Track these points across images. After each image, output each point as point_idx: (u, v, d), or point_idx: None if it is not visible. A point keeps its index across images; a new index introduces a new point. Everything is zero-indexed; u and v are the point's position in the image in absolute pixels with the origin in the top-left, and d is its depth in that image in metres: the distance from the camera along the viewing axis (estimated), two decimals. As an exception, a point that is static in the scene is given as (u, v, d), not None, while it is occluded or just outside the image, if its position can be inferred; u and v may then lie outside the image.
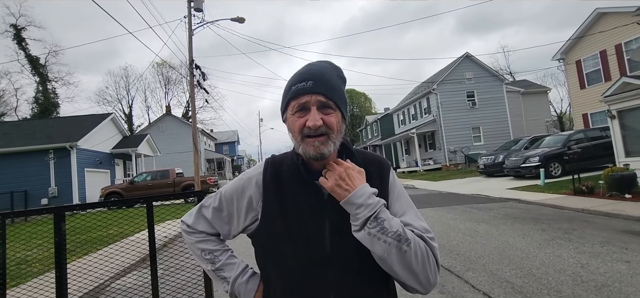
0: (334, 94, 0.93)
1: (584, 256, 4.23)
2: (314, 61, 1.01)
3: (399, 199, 1.01)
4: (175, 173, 17.82)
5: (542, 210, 7.64)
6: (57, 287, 2.33)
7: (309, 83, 0.91)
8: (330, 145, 0.91)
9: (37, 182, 15.87)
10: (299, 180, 0.96)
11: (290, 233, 0.93)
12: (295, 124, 0.92)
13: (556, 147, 12.91)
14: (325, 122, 0.90)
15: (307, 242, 0.91)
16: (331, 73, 0.97)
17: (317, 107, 0.91)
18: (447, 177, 18.10)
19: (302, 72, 0.96)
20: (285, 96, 0.96)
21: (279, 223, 0.94)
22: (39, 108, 32.99)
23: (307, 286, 0.91)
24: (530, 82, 31.90)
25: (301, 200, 0.95)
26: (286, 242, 0.93)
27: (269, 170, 1.01)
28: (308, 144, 0.91)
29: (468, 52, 25.20)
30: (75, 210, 2.40)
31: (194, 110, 14.78)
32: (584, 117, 17.16)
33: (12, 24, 32.80)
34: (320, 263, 0.90)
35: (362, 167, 0.98)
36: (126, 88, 43.92)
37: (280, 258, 0.94)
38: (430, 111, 25.48)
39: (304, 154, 0.93)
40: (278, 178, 0.99)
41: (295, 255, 0.92)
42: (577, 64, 17.25)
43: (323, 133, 0.90)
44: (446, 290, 3.60)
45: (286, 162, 1.01)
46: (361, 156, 1.03)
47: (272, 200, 0.96)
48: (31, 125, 20.28)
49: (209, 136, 41.63)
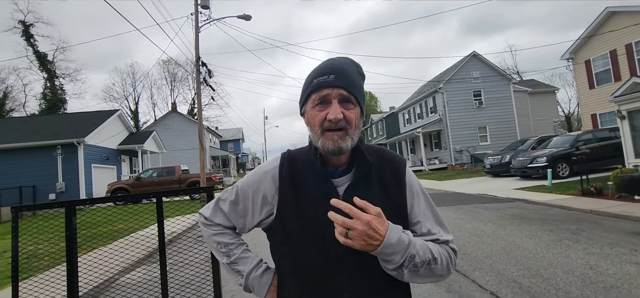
0: (355, 89, 0.93)
1: (592, 257, 4.19)
2: (335, 57, 1.00)
3: (418, 199, 1.00)
4: (181, 170, 17.93)
5: (550, 210, 7.58)
6: (68, 279, 2.36)
7: (331, 77, 0.91)
8: (348, 140, 0.91)
9: (45, 177, 16.06)
10: (315, 176, 0.95)
11: (305, 230, 0.92)
12: (315, 117, 0.92)
13: (564, 147, 12.78)
14: (345, 116, 0.90)
15: (322, 239, 0.90)
16: (352, 68, 0.97)
17: (339, 100, 0.91)
18: (452, 177, 18.01)
19: (323, 66, 0.96)
20: (306, 89, 0.96)
21: (294, 219, 0.94)
22: (47, 104, 33.37)
23: (321, 283, 0.91)
24: (538, 81, 31.59)
25: (316, 196, 0.94)
26: (301, 238, 0.93)
27: (285, 165, 1.00)
28: (327, 137, 0.90)
29: (475, 51, 25.00)
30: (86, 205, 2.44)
31: (200, 107, 14.85)
32: (593, 118, 16.96)
33: (21, 21, 33.19)
34: (334, 261, 0.90)
35: (377, 165, 0.98)
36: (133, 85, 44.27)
37: (294, 254, 0.94)
38: (436, 110, 25.34)
39: (323, 148, 0.92)
40: (294, 173, 0.98)
41: (310, 251, 0.92)
42: (586, 63, 17.04)
43: (342, 128, 0.90)
44: (453, 289, 3.59)
45: (302, 157, 1.01)
46: (376, 153, 1.01)
47: (287, 195, 0.96)
48: (39, 121, 20.52)
49: (214, 133, 41.84)
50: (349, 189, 0.94)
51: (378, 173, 0.98)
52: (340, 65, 0.95)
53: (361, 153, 0.97)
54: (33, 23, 33.73)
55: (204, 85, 14.89)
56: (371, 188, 0.95)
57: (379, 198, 0.93)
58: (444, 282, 3.80)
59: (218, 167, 37.99)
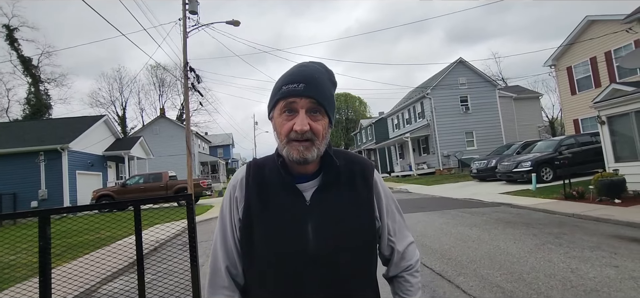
0: (324, 99, 0.91)
1: (573, 261, 4.27)
2: (307, 62, 0.99)
3: (386, 201, 1.04)
4: (168, 176, 17.67)
5: (534, 214, 7.71)
6: (41, 292, 2.28)
7: (301, 86, 0.89)
8: (314, 151, 0.90)
9: (26, 184, 15.61)
10: (281, 183, 0.94)
11: (271, 237, 0.91)
12: (283, 125, 0.90)
13: (547, 152, 13.06)
14: (312, 128, 0.88)
15: (289, 245, 0.90)
16: (323, 77, 0.95)
17: (306, 110, 0.89)
18: (440, 182, 18.19)
19: (293, 72, 0.93)
20: (274, 95, 0.94)
21: (260, 226, 0.93)
22: (31, 109, 32.56)
23: (290, 290, 0.89)
24: (523, 87, 32.28)
25: (283, 203, 0.93)
26: (267, 245, 0.91)
27: (251, 172, 1.00)
28: (293, 147, 0.89)
29: (462, 57, 25.47)
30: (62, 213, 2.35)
31: (187, 112, 14.70)
32: (575, 123, 17.40)
33: (5, 25, 32.40)
34: (302, 268, 0.89)
35: (346, 169, 0.98)
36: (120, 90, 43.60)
37: (261, 262, 0.93)
38: (424, 116, 25.63)
39: (288, 157, 0.91)
40: (260, 180, 0.97)
41: (277, 259, 0.90)
42: (568, 70, 17.51)
43: (308, 138, 0.88)
44: (437, 295, 3.60)
45: (268, 164, 1.00)
46: (344, 157, 1.01)
47: (253, 202, 0.95)
48: (21, 127, 19.99)
49: (203, 139, 41.40)
50: (315, 193, 0.94)
51: (346, 176, 0.98)
52: (310, 73, 0.92)
53: (329, 158, 0.95)
54: (17, 27, 32.99)
55: (193, 90, 14.76)
56: (338, 191, 0.95)
57: (346, 200, 0.95)
58: (429, 288, 3.82)
59: (207, 172, 37.57)
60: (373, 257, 0.99)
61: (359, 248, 0.94)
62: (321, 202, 0.93)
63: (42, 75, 34.85)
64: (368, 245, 0.97)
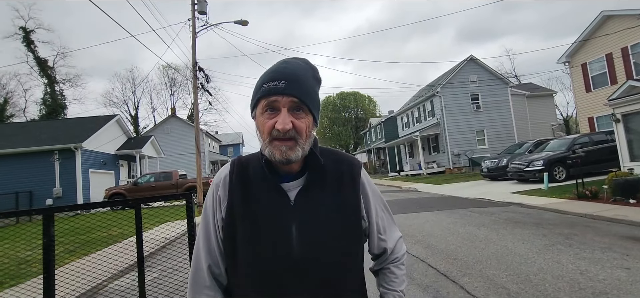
0: (306, 97, 0.89)
1: (583, 262, 4.16)
2: (290, 58, 0.96)
3: (373, 199, 1.03)
4: (177, 175, 17.92)
5: (544, 214, 7.54)
6: (44, 288, 2.33)
7: (282, 83, 0.87)
8: (298, 151, 0.88)
9: (42, 182, 16.04)
10: (265, 183, 0.93)
11: (254, 237, 0.89)
12: (264, 124, 0.88)
13: (560, 151, 12.76)
14: (294, 126, 0.86)
15: (272, 247, 0.88)
16: (306, 74, 0.92)
17: (289, 108, 0.87)
18: (450, 181, 17.97)
19: (275, 70, 0.91)
20: (256, 93, 0.91)
21: (243, 226, 0.91)
22: (47, 109, 33.44)
23: (273, 291, 0.88)
24: (536, 85, 31.64)
25: (266, 203, 0.91)
26: (250, 246, 0.89)
27: (235, 171, 0.98)
28: (275, 147, 0.87)
29: (472, 55, 25.07)
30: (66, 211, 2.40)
31: (196, 111, 14.86)
32: (590, 121, 16.96)
33: (22, 27, 33.36)
34: (285, 269, 0.87)
35: (332, 168, 0.96)
36: (132, 90, 44.38)
37: (244, 263, 0.91)
38: (434, 114, 25.35)
39: (270, 157, 0.88)
40: (244, 179, 0.95)
41: (260, 260, 0.89)
42: (583, 67, 17.07)
43: (291, 137, 0.86)
44: (441, 295, 3.56)
45: (252, 163, 0.98)
46: (331, 156, 0.99)
47: (237, 201, 0.93)
48: (37, 127, 20.53)
49: (213, 138, 41.83)
50: (300, 193, 0.92)
51: (332, 176, 0.96)
52: (292, 70, 0.90)
53: (314, 157, 0.93)
54: (33, 29, 33.93)
55: (202, 90, 14.91)
56: (324, 191, 0.93)
57: (332, 200, 0.93)
58: (432, 287, 3.78)
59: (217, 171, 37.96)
60: (358, 257, 0.97)
61: (344, 248, 0.92)
62: (306, 202, 0.91)
63: (57, 76, 35.79)
64: (353, 245, 0.95)
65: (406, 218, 8.03)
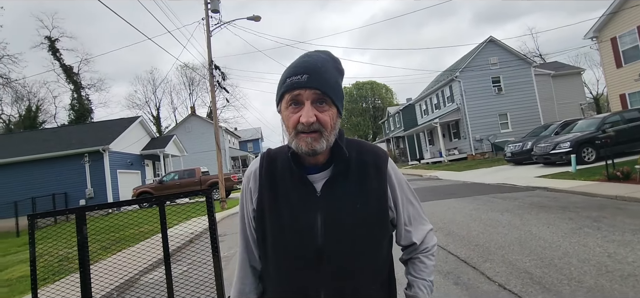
0: (329, 89, 0.90)
1: (612, 245, 4.02)
2: (312, 51, 0.98)
3: (400, 189, 1.03)
4: (201, 171, 18.42)
5: (572, 198, 7.29)
6: (81, 282, 2.49)
7: (304, 77, 0.88)
8: (322, 142, 0.90)
9: (75, 184, 16.93)
10: (292, 174, 0.96)
11: (282, 227, 0.93)
12: (289, 118, 0.91)
13: (589, 131, 12.20)
14: (318, 118, 0.88)
15: (299, 236, 0.92)
16: (328, 65, 0.93)
17: (312, 101, 0.89)
18: (472, 167, 17.59)
19: (297, 64, 0.92)
20: (280, 88, 0.94)
21: (272, 216, 0.95)
22: (75, 114, 35.00)
23: (299, 281, 0.92)
24: (562, 63, 30.27)
25: (293, 195, 0.95)
26: (279, 235, 0.94)
27: (264, 164, 1.02)
28: (301, 139, 0.89)
29: (492, 36, 24.22)
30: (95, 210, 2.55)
31: (214, 109, 15.17)
32: (622, 98, 16.12)
33: (47, 36, 34.87)
34: (312, 259, 0.90)
35: (358, 159, 0.98)
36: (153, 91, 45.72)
37: (272, 252, 0.95)
38: (453, 99, 24.76)
39: (297, 149, 0.91)
40: (272, 172, 0.99)
41: (287, 248, 0.93)
42: (612, 41, 16.18)
43: (316, 130, 0.88)
44: (461, 281, 3.55)
45: (280, 156, 1.01)
46: (357, 147, 1.01)
47: (266, 193, 0.98)
48: (67, 131, 21.58)
49: (233, 134, 42.58)
50: (326, 184, 0.94)
51: (358, 167, 0.97)
52: (314, 63, 0.91)
53: (340, 149, 0.95)
54: (58, 38, 35.39)
55: (219, 88, 15.19)
56: (349, 183, 0.95)
57: (357, 191, 0.94)
58: (453, 274, 3.77)
59: (238, 167, 38.69)
60: (383, 246, 0.99)
61: (368, 238, 0.94)
62: (331, 193, 0.93)
63: (82, 81, 37.28)
64: (378, 235, 0.97)
65: (427, 206, 7.94)
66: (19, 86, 34.01)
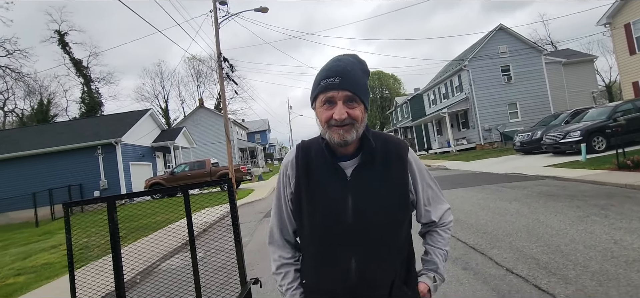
0: (358, 89, 1.05)
1: (618, 232, 4.10)
2: (341, 55, 1.12)
3: (420, 175, 1.18)
4: (211, 163, 18.71)
5: (581, 186, 7.32)
6: (114, 266, 2.67)
7: (337, 79, 1.03)
8: (353, 133, 1.05)
9: (89, 175, 17.37)
10: (325, 162, 1.12)
11: (316, 206, 1.10)
12: (322, 115, 1.07)
13: (600, 119, 12.09)
14: (350, 114, 1.04)
15: (332, 214, 1.07)
16: (356, 68, 1.09)
17: (343, 101, 1.04)
18: (481, 157, 17.55)
19: (329, 68, 1.07)
20: (315, 89, 1.09)
21: (308, 197, 1.12)
22: (86, 107, 35.61)
23: (333, 251, 1.08)
24: (574, 51, 29.66)
25: (326, 179, 1.10)
26: (314, 214, 1.10)
27: (300, 153, 1.18)
28: (334, 131, 1.05)
29: (502, 24, 23.86)
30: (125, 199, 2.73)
31: (224, 101, 15.35)
32: (634, 86, 15.85)
33: (56, 30, 35.35)
34: (343, 232, 1.06)
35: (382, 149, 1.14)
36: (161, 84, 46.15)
37: (309, 227, 1.12)
38: (462, 89, 24.57)
39: (330, 140, 1.07)
40: (307, 160, 1.15)
41: (322, 224, 1.09)
42: (626, 28, 15.86)
43: (347, 123, 1.04)
44: (470, 266, 3.67)
45: (314, 146, 1.17)
46: (381, 138, 1.16)
47: (303, 178, 1.14)
48: (80, 124, 22.04)
49: (240, 126, 42.86)
50: (355, 170, 1.10)
51: (383, 156, 1.12)
52: (345, 66, 1.07)
53: (367, 140, 1.11)
54: (67, 32, 35.85)
55: (227, 79, 15.35)
56: (375, 169, 1.11)
57: (382, 176, 1.11)
58: (461, 260, 3.90)
59: (246, 158, 39.04)
60: (404, 223, 1.14)
61: (391, 215, 1.09)
62: (360, 178, 1.09)
63: (92, 75, 37.81)
64: (400, 213, 1.12)
65: (435, 196, 8.01)
66: (30, 80, 34.71)
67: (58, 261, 6.97)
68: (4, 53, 30.97)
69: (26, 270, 6.57)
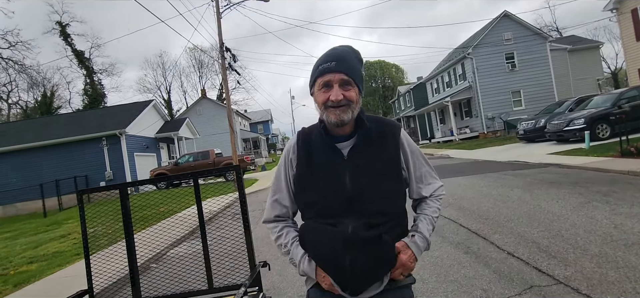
0: (353, 72, 1.16)
1: (619, 217, 4.16)
2: (337, 45, 1.24)
3: (412, 154, 1.28)
4: (214, 153, 18.85)
5: (583, 174, 7.35)
6: (128, 252, 2.77)
7: (333, 63, 1.15)
8: (349, 113, 1.15)
9: (95, 166, 17.56)
10: (323, 144, 1.22)
11: (318, 182, 1.20)
12: (320, 97, 1.17)
13: (605, 107, 12.03)
14: (345, 96, 1.14)
15: (331, 188, 1.17)
16: (351, 55, 1.20)
17: (339, 84, 1.14)
18: (484, 145, 17.55)
19: (327, 54, 1.19)
20: (313, 74, 1.20)
21: (309, 173, 1.22)
22: (89, 99, 35.72)
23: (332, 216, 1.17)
24: (579, 37, 29.31)
25: (326, 158, 1.21)
26: (316, 189, 1.20)
27: (301, 138, 1.29)
28: (331, 112, 1.15)
29: (506, 11, 23.54)
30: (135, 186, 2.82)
31: (227, 91, 15.39)
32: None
33: (58, 21, 35.25)
34: (341, 201, 1.16)
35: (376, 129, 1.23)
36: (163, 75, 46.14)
37: (311, 201, 1.22)
38: (465, 77, 24.41)
39: (327, 121, 1.17)
40: (308, 143, 1.27)
41: (322, 194, 1.19)
42: (633, 13, 15.65)
43: (344, 104, 1.14)
44: (471, 250, 3.76)
45: (314, 130, 1.28)
46: (375, 121, 1.26)
47: (304, 160, 1.25)
48: (84, 116, 22.18)
49: (243, 116, 42.91)
50: (352, 150, 1.20)
51: (377, 136, 1.22)
52: (340, 53, 1.19)
53: (362, 122, 1.21)
54: (69, 23, 35.75)
55: (230, 70, 15.35)
56: (370, 147, 1.20)
57: (376, 154, 1.21)
58: (463, 244, 3.98)
59: (249, 148, 39.19)
60: (397, 196, 1.23)
61: (385, 188, 1.19)
62: (356, 156, 1.19)
63: (94, 66, 37.82)
64: (393, 186, 1.21)
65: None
66: (33, 72, 34.78)
67: (68, 249, 7.13)
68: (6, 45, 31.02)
69: (38, 258, 6.74)
